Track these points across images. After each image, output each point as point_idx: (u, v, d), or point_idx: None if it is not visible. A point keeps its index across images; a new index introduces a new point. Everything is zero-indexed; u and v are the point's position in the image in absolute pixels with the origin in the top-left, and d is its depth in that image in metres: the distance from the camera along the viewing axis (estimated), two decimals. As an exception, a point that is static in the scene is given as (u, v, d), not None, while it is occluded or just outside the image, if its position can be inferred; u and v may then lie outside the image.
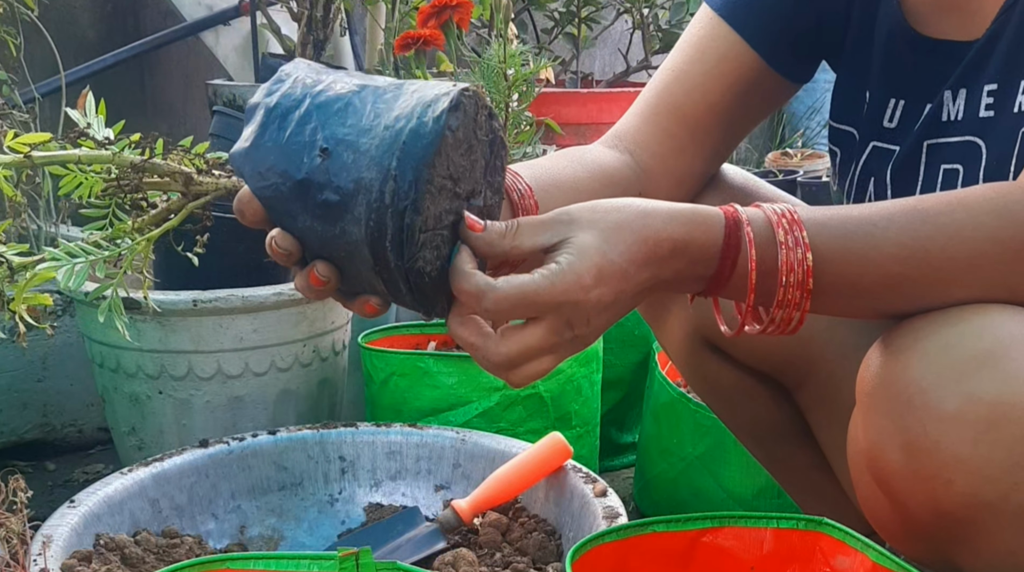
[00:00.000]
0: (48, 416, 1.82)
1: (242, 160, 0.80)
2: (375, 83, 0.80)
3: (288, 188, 0.78)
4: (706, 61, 1.12)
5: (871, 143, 1.08)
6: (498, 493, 1.29)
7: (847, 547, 0.92)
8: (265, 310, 1.50)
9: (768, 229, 0.84)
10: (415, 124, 0.76)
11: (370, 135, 0.77)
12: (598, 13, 2.87)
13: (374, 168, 0.75)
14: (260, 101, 0.81)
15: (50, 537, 1.10)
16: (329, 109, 0.79)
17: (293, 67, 0.84)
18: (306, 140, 0.78)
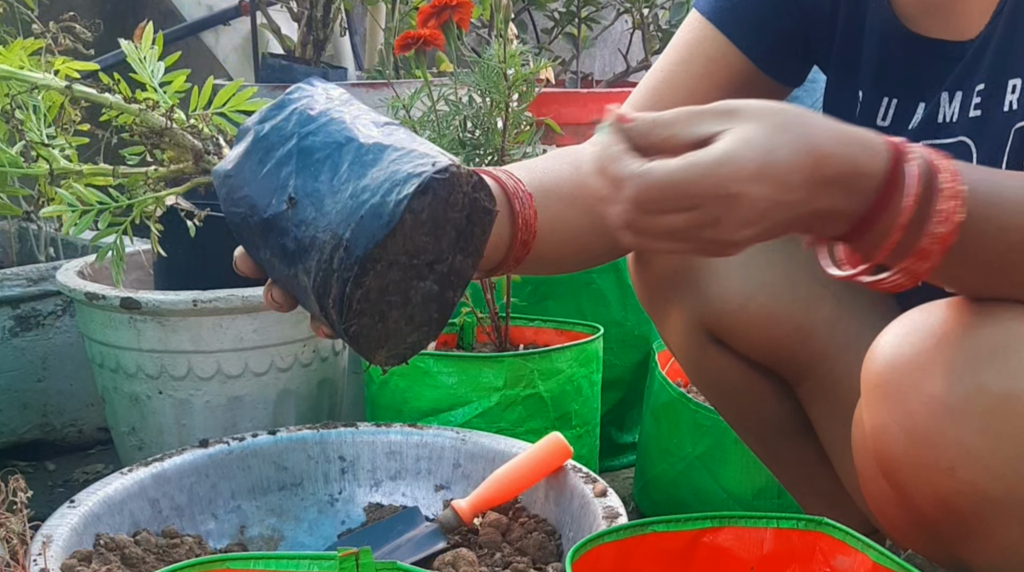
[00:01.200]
0: (48, 416, 1.82)
1: (221, 181, 0.83)
2: (362, 138, 0.80)
3: (254, 222, 0.81)
4: (694, 62, 1.12)
5: None
6: (498, 493, 1.29)
7: (847, 547, 0.92)
8: (265, 310, 1.49)
9: (929, 172, 0.77)
10: (377, 201, 0.76)
11: (335, 198, 0.78)
12: (598, 13, 2.87)
13: (329, 232, 0.77)
14: (252, 126, 0.83)
15: (50, 537, 1.10)
16: (309, 158, 0.80)
17: (299, 94, 0.84)
18: (279, 183, 0.80)
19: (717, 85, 1.11)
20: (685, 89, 1.12)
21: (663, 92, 1.14)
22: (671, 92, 1.13)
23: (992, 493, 0.83)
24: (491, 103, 1.68)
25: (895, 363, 0.87)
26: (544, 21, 2.96)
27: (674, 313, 1.20)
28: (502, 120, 1.70)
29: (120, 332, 1.50)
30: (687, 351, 1.22)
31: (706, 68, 1.12)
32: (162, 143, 0.99)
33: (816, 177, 0.75)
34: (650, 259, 1.18)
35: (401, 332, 0.83)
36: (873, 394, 0.89)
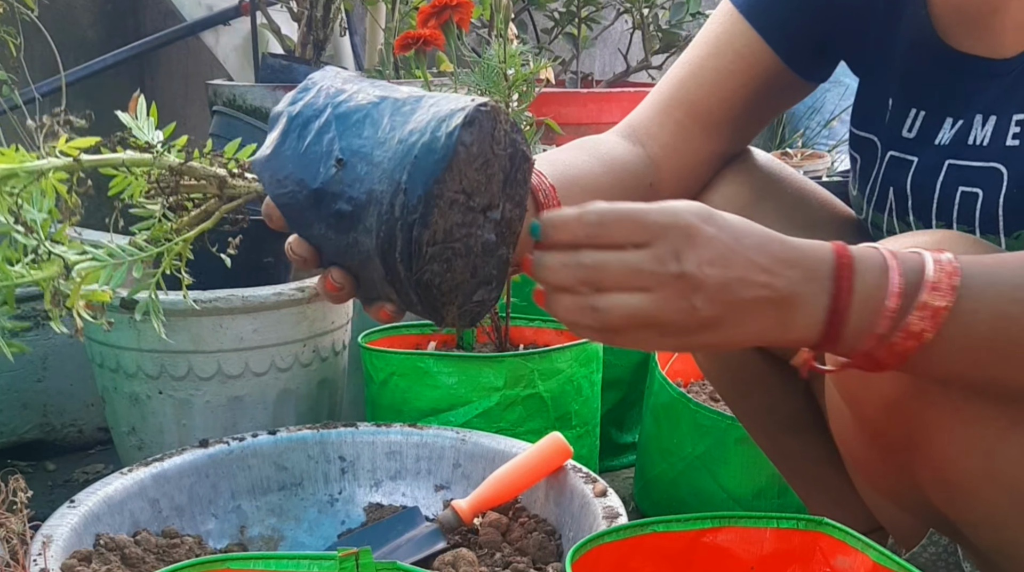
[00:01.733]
0: (48, 416, 1.82)
1: (262, 167, 0.82)
2: (396, 95, 0.81)
3: (304, 197, 0.79)
4: (722, 56, 1.12)
5: (888, 152, 1.08)
6: (498, 493, 1.29)
7: (847, 547, 0.92)
8: (265, 310, 1.49)
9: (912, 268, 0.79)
10: (428, 139, 0.76)
11: (384, 148, 0.77)
12: (598, 13, 2.87)
13: (385, 181, 0.76)
14: (284, 109, 0.83)
15: (50, 537, 1.10)
16: (348, 120, 0.80)
17: (321, 75, 0.85)
18: (323, 150, 0.79)
19: (744, 81, 1.12)
20: (713, 84, 1.13)
21: (689, 86, 1.14)
22: (698, 86, 1.13)
23: (931, 393, 0.86)
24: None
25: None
26: (544, 21, 2.96)
27: None
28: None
29: (120, 332, 1.50)
30: None
31: (734, 63, 1.12)
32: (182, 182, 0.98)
33: (769, 251, 0.77)
34: None
35: (468, 285, 0.81)
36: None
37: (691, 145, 1.14)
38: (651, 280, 0.75)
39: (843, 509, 1.18)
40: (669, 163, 1.13)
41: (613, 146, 1.11)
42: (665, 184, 1.13)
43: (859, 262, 0.78)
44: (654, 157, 1.13)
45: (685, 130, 1.14)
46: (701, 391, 1.75)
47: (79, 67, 2.50)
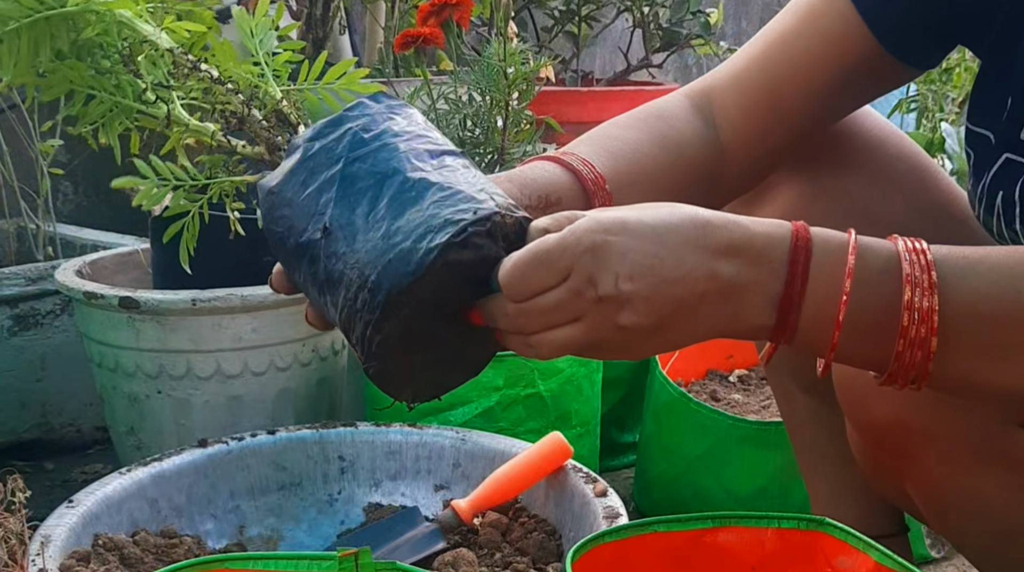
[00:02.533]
0: (47, 416, 1.82)
1: (263, 197, 0.82)
2: (410, 170, 0.77)
3: (290, 244, 0.80)
4: (813, 37, 1.02)
5: (1004, 154, 0.99)
6: (498, 493, 1.29)
7: (849, 547, 0.92)
8: (264, 309, 1.49)
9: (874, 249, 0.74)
10: (407, 246, 0.74)
11: (367, 236, 0.76)
12: (598, 11, 2.87)
13: (356, 270, 0.75)
14: (302, 144, 0.81)
15: (48, 537, 1.09)
16: (351, 187, 0.78)
17: (360, 110, 0.82)
18: (317, 209, 0.78)
19: (834, 69, 1.02)
20: (801, 72, 1.02)
21: (777, 68, 1.03)
22: (786, 69, 1.03)
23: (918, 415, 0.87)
24: (491, 102, 1.68)
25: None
26: (544, 19, 2.95)
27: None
28: (502, 119, 1.70)
29: (119, 331, 1.50)
30: None
31: (825, 49, 1.01)
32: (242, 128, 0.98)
33: (704, 241, 0.74)
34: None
35: (427, 374, 0.81)
36: None
37: (765, 135, 1.04)
38: (573, 313, 0.74)
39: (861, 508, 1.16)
40: (736, 151, 1.05)
41: (681, 126, 1.02)
42: (729, 173, 1.05)
43: (818, 243, 0.74)
44: (724, 142, 1.04)
45: (761, 117, 1.04)
46: (702, 391, 1.75)
47: (78, 66, 2.49)
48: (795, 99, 1.03)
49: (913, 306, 0.74)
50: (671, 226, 0.74)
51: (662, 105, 1.05)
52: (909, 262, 0.75)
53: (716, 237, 0.74)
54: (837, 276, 0.74)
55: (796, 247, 0.74)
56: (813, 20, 1.02)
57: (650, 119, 1.03)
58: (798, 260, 0.74)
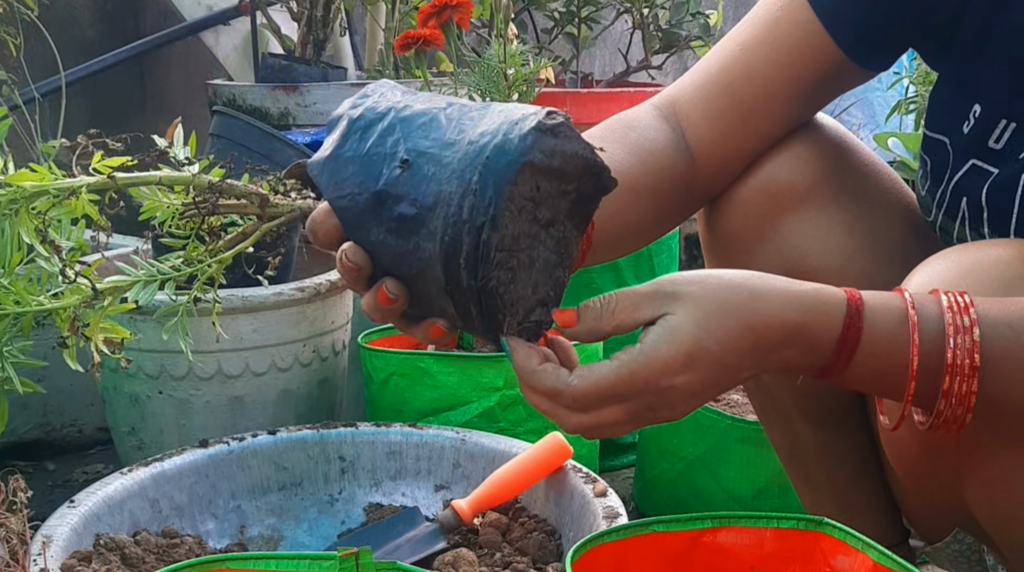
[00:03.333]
0: (48, 416, 1.82)
1: (319, 169, 0.79)
2: (462, 102, 0.78)
3: (364, 199, 0.76)
4: (773, 44, 1.05)
5: (970, 161, 1.02)
6: (498, 493, 1.29)
7: (848, 547, 0.92)
8: (265, 310, 1.49)
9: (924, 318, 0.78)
10: (500, 140, 0.73)
11: (453, 149, 0.74)
12: (598, 13, 2.87)
13: (454, 181, 0.73)
14: (344, 112, 0.80)
15: (50, 537, 1.10)
16: (413, 123, 0.77)
17: (379, 85, 0.82)
18: (387, 151, 0.76)
19: (794, 74, 1.05)
20: (759, 76, 1.05)
21: (736, 73, 1.06)
22: (745, 76, 1.06)
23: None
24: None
25: (923, 290, 0.87)
26: (544, 21, 2.95)
27: (758, 265, 1.10)
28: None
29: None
30: None
31: (786, 55, 1.04)
32: (221, 200, 0.95)
33: (761, 345, 0.78)
34: (732, 205, 1.10)
35: (527, 301, 0.79)
36: None
37: (729, 141, 1.07)
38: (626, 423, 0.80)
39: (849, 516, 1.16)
40: (705, 158, 1.07)
41: (652, 135, 1.05)
42: (699, 180, 1.08)
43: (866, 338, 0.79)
44: (692, 148, 1.07)
45: (725, 123, 1.06)
46: (701, 391, 1.75)
47: (79, 67, 2.50)
48: (757, 104, 1.06)
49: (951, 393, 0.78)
50: (733, 345, 0.78)
51: (632, 116, 1.07)
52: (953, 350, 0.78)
53: (772, 336, 0.78)
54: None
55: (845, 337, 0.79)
56: (772, 28, 1.05)
57: (620, 130, 1.05)
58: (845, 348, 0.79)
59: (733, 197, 1.10)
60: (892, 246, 1.10)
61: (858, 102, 3.25)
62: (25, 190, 0.91)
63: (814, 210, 1.08)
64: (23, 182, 0.91)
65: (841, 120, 3.12)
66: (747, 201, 1.09)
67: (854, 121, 3.32)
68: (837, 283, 1.08)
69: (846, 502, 1.19)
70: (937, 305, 0.79)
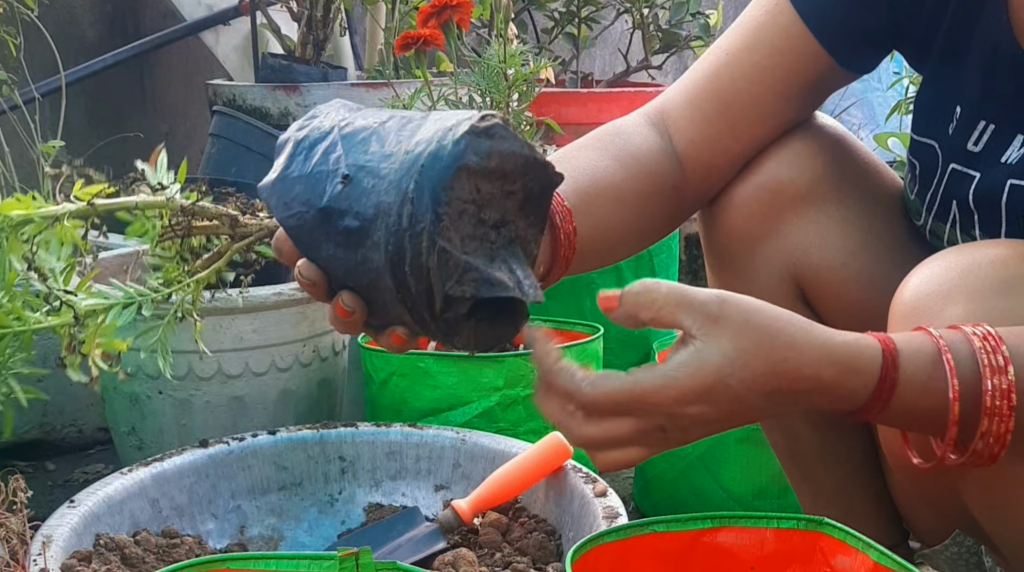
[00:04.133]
0: (48, 416, 1.82)
1: (269, 191, 0.81)
2: (404, 114, 0.80)
3: (311, 217, 0.79)
4: (759, 49, 1.06)
5: (950, 165, 1.03)
6: (498, 493, 1.29)
7: (848, 547, 0.92)
8: (265, 310, 1.49)
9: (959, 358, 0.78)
10: (434, 147, 0.75)
11: (391, 160, 0.76)
12: (598, 13, 2.87)
13: (392, 191, 0.75)
14: (290, 135, 0.82)
15: (50, 537, 1.10)
16: (354, 139, 0.79)
17: (327, 105, 0.84)
18: (329, 169, 0.78)
19: (780, 77, 1.06)
20: (746, 79, 1.07)
21: (723, 78, 1.08)
22: (731, 81, 1.07)
23: None
24: (491, 103, 1.68)
25: (921, 292, 0.88)
26: (544, 21, 2.96)
27: (760, 264, 1.12)
28: (502, 120, 1.70)
29: (119, 332, 1.50)
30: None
31: (772, 58, 1.06)
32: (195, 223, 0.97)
33: (787, 391, 0.77)
34: (733, 204, 1.11)
35: (486, 311, 0.79)
36: (897, 323, 0.89)
37: (718, 145, 1.08)
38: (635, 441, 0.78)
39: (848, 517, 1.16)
40: (693, 163, 1.08)
41: (638, 141, 1.06)
42: (689, 185, 1.09)
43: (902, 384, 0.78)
44: (680, 154, 1.08)
45: (713, 128, 1.08)
46: (701, 391, 1.75)
47: (79, 67, 2.50)
48: (745, 108, 1.07)
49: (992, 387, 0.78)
50: (758, 387, 0.76)
51: (618, 124, 1.08)
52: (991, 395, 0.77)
53: (802, 384, 0.77)
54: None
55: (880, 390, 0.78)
56: (757, 32, 1.07)
57: (607, 138, 1.06)
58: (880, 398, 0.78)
59: (734, 196, 1.11)
60: (892, 243, 1.10)
61: (858, 102, 3.26)
62: (11, 219, 0.93)
63: (815, 208, 1.09)
64: (9, 211, 0.94)
65: (841, 120, 3.13)
66: (748, 200, 1.10)
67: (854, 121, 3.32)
68: (838, 280, 1.09)
69: (845, 503, 1.19)
70: (968, 345, 0.78)
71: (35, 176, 2.06)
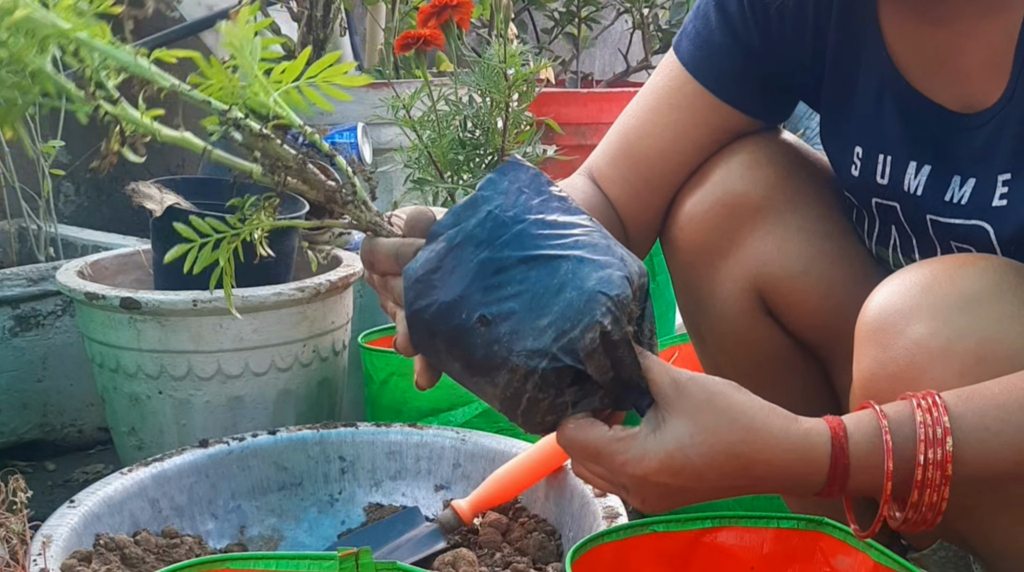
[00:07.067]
0: (48, 416, 1.82)
1: (411, 284, 0.83)
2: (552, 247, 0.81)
3: (442, 329, 0.82)
4: (659, 110, 1.13)
5: (873, 199, 1.07)
6: (498, 493, 1.29)
7: (848, 547, 0.92)
8: (265, 310, 1.49)
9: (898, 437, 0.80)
10: (564, 344, 0.79)
11: (529, 327, 0.79)
12: (598, 13, 2.87)
13: (523, 356, 0.79)
14: (445, 232, 0.83)
15: (50, 537, 1.10)
16: (501, 273, 0.81)
17: (492, 189, 0.84)
18: (472, 297, 0.81)
19: (687, 133, 1.12)
20: (653, 138, 1.13)
21: (632, 141, 1.14)
22: (639, 141, 1.14)
23: None
24: (491, 103, 1.68)
25: (884, 311, 0.90)
26: (544, 21, 2.96)
27: (722, 278, 1.14)
28: (502, 120, 1.70)
29: (120, 332, 1.50)
30: (734, 322, 1.16)
31: (673, 117, 1.12)
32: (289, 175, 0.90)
33: (743, 474, 0.80)
34: (691, 220, 1.14)
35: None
36: (862, 343, 0.91)
37: (640, 200, 1.14)
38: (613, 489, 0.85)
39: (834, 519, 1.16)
40: (625, 213, 1.15)
41: (584, 194, 1.12)
42: (632, 232, 1.15)
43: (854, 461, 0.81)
44: (614, 204, 1.14)
45: (631, 186, 1.14)
46: (701, 391, 1.75)
47: (79, 67, 2.49)
48: (656, 163, 1.13)
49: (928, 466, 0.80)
50: (717, 466, 0.80)
51: (570, 182, 1.15)
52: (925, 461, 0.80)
53: (756, 469, 0.81)
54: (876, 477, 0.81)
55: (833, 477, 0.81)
56: (657, 95, 1.14)
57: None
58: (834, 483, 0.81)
59: (690, 211, 1.15)
60: (851, 248, 1.13)
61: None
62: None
63: (771, 219, 1.12)
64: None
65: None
66: (705, 216, 1.14)
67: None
68: (799, 288, 1.13)
69: (830, 505, 1.19)
70: (911, 418, 0.80)
71: (35, 176, 2.06)
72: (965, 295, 0.86)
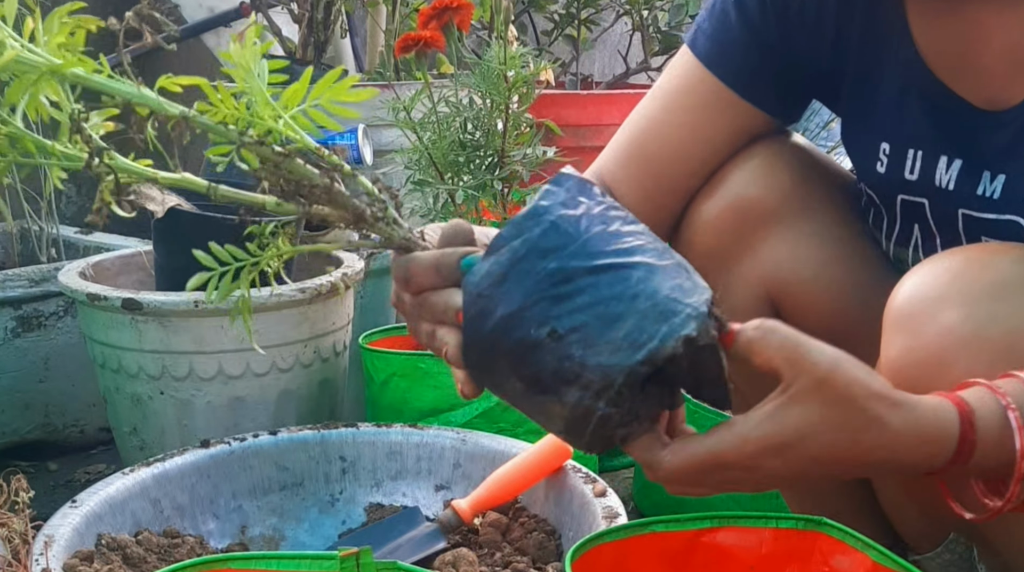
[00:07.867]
0: (50, 416, 1.82)
1: (472, 299, 0.79)
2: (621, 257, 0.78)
3: (505, 345, 0.77)
4: (673, 110, 1.11)
5: (899, 196, 1.05)
6: (498, 493, 1.29)
7: (847, 547, 0.92)
8: (266, 311, 1.50)
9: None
10: (642, 355, 0.74)
11: (601, 338, 0.75)
12: (598, 15, 2.88)
13: (599, 372, 0.75)
14: (507, 243, 0.79)
15: (52, 537, 1.10)
16: (570, 285, 0.77)
17: (551, 199, 0.80)
18: (539, 311, 0.76)
19: (703, 134, 1.10)
20: (668, 140, 1.11)
21: (646, 142, 1.12)
22: (654, 142, 1.11)
23: None
24: (491, 105, 1.69)
25: (914, 298, 0.88)
26: (544, 23, 2.96)
27: (736, 283, 1.13)
28: (502, 122, 1.71)
29: (122, 333, 1.50)
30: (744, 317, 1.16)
31: (688, 117, 1.10)
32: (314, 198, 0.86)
33: (860, 460, 0.77)
34: (705, 224, 1.13)
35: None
36: (891, 329, 0.90)
37: (651, 203, 1.12)
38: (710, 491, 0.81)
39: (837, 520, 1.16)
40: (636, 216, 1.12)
41: None
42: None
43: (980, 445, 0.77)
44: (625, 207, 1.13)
45: (643, 188, 1.12)
46: (701, 392, 1.75)
47: (80, 68, 2.49)
48: (671, 165, 1.11)
49: None
50: (833, 454, 0.76)
51: None
52: None
53: (875, 455, 0.76)
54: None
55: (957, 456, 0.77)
56: (672, 95, 1.11)
57: None
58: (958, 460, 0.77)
59: (705, 216, 1.13)
60: (865, 253, 1.12)
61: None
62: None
63: (785, 224, 1.11)
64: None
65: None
66: (719, 220, 1.12)
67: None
68: (811, 293, 1.12)
69: (832, 508, 1.19)
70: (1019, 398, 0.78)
71: (36, 176, 2.06)
72: (997, 282, 0.85)
